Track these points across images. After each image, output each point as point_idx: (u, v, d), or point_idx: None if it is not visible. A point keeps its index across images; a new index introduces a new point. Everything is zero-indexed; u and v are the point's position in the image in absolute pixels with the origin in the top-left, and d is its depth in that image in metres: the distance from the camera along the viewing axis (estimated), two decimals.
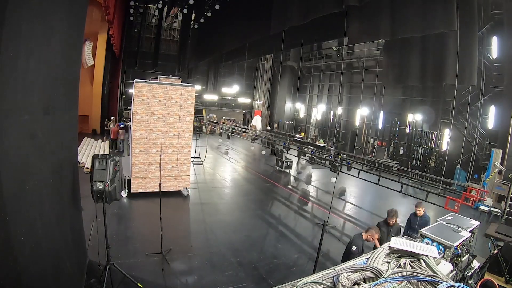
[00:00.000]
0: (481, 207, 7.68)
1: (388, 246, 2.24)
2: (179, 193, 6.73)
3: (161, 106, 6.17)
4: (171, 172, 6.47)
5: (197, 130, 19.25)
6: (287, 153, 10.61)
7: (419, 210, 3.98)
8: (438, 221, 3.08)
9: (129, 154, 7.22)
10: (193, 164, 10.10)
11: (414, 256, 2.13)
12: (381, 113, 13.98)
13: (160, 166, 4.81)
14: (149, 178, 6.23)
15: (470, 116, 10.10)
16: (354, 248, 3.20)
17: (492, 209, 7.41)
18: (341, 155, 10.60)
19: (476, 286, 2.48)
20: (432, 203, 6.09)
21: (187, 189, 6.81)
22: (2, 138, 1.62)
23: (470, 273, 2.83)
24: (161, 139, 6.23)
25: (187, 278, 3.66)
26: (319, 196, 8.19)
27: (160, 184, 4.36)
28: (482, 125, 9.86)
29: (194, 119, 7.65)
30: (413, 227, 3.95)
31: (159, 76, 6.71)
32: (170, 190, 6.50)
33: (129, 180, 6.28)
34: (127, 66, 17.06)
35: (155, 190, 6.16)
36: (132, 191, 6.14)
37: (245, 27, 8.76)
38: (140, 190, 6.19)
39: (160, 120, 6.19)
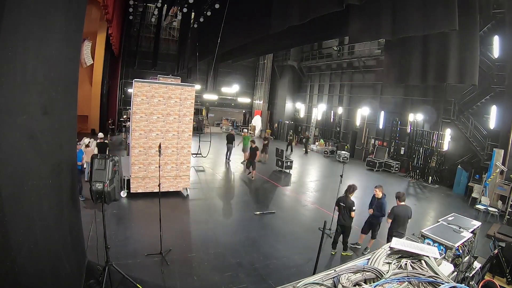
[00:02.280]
0: (477, 206, 7.67)
1: (389, 247, 2.22)
2: (179, 193, 6.72)
3: (161, 106, 6.11)
4: (170, 172, 6.42)
5: (198, 130, 19.30)
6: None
7: (376, 192, 4.64)
8: (439, 221, 3.07)
9: (128, 154, 7.20)
10: (195, 168, 10.09)
11: (415, 257, 2.12)
12: (382, 113, 13.95)
13: (159, 166, 4.76)
14: (148, 178, 6.20)
15: (471, 116, 10.07)
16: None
17: (489, 208, 7.40)
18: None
19: (478, 287, 2.47)
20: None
21: (187, 190, 6.79)
22: (1, 138, 1.60)
23: (471, 274, 2.81)
24: (161, 139, 6.20)
25: (187, 279, 3.65)
26: (320, 196, 8.17)
27: (159, 184, 4.34)
28: (484, 125, 9.82)
29: (194, 119, 7.69)
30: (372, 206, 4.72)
31: (158, 75, 6.69)
32: (170, 190, 6.46)
33: (128, 180, 6.27)
34: (126, 65, 17.03)
35: (154, 190, 6.14)
36: (131, 191, 6.13)
37: (245, 26, 8.74)
38: (140, 190, 6.17)
39: (160, 120, 6.13)
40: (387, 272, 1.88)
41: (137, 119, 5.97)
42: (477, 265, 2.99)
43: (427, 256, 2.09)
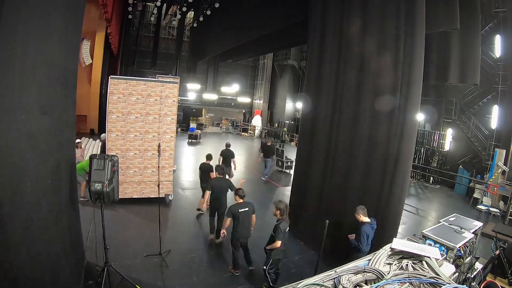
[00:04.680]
0: (479, 206, 7.64)
1: (390, 248, 2.21)
2: (161, 199, 6.10)
3: (139, 105, 5.59)
4: (151, 177, 5.79)
5: (198, 129, 19.28)
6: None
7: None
8: (440, 222, 3.05)
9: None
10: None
11: (416, 258, 2.10)
12: None
13: (158, 167, 4.65)
14: (126, 183, 5.63)
15: (473, 116, 10.03)
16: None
17: (491, 209, 7.38)
18: None
19: None
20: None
21: (171, 195, 6.20)
22: None
23: (473, 275, 2.79)
24: (139, 140, 5.67)
25: (186, 280, 3.63)
26: None
27: (159, 184, 4.32)
28: (485, 125, 9.79)
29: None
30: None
31: (157, 75, 6.61)
32: (151, 196, 5.78)
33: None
34: (125, 65, 17.03)
35: (133, 196, 5.69)
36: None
37: (245, 26, 8.72)
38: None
39: (138, 120, 5.61)
40: (388, 273, 1.87)
41: (113, 119, 5.47)
42: (478, 266, 2.97)
43: (428, 257, 2.07)
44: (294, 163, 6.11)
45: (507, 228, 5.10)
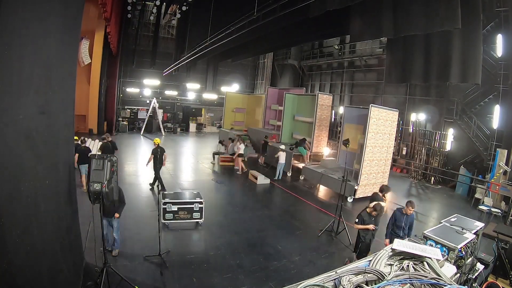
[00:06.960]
0: (480, 206, 7.61)
1: (391, 248, 2.19)
2: None
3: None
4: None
5: (198, 129, 19.26)
6: None
7: (409, 210, 3.93)
8: (441, 222, 3.03)
9: None
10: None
11: (417, 258, 2.09)
12: None
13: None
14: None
15: (474, 116, 9.98)
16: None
17: (492, 209, 7.34)
18: None
19: None
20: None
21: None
22: None
23: (474, 276, 2.77)
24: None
25: (186, 280, 3.62)
26: (322, 196, 8.14)
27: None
28: (487, 125, 9.74)
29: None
30: (399, 224, 3.98)
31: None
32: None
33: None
34: (124, 64, 16.98)
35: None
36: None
37: (245, 25, 8.67)
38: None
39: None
40: (389, 274, 1.86)
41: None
42: (480, 266, 2.95)
43: (430, 258, 2.06)
44: None
45: (508, 228, 5.08)
